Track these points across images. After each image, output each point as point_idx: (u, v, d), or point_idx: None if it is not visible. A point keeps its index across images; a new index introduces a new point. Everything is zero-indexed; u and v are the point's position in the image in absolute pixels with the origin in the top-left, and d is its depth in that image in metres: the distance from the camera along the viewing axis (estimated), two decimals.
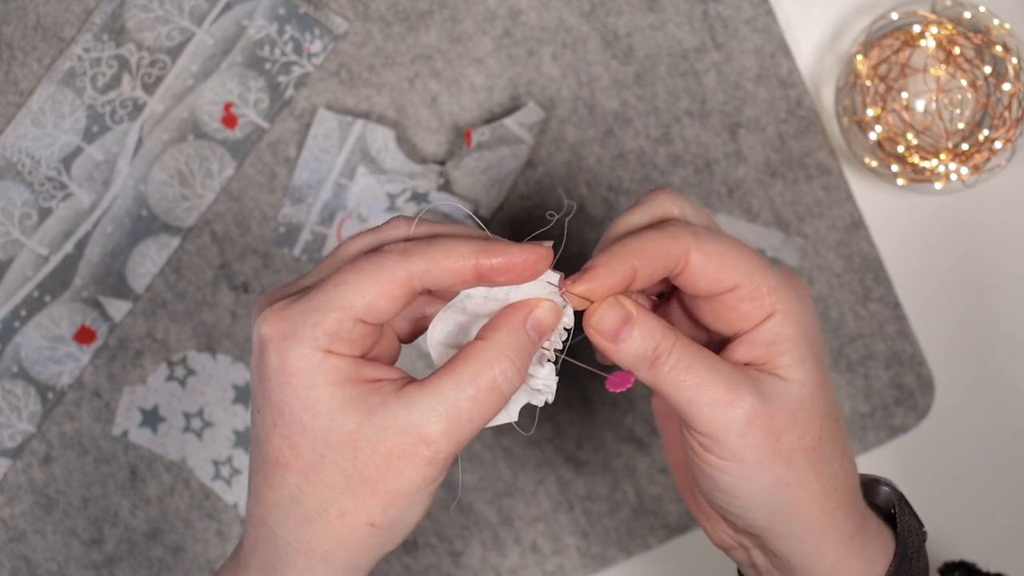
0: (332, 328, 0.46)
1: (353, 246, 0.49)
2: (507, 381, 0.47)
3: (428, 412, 0.46)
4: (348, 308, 0.46)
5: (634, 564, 0.75)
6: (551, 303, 0.49)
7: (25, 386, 0.73)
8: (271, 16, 0.72)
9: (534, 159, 0.73)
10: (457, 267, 0.47)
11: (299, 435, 0.46)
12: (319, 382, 0.46)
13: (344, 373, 0.46)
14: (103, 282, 0.72)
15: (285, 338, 0.46)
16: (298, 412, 0.46)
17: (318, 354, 0.45)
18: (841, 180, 0.73)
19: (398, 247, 0.47)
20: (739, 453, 0.48)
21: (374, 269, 0.46)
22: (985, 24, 0.71)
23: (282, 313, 0.46)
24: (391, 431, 0.46)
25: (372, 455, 0.46)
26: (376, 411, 0.46)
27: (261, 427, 0.47)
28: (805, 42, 0.74)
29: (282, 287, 0.49)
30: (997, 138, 0.71)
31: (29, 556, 0.73)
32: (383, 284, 0.46)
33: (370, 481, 0.46)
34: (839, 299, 0.74)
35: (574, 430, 0.74)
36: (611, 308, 0.49)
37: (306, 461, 0.46)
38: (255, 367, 0.47)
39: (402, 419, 0.46)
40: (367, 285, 0.46)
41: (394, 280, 0.46)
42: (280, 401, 0.46)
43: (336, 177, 0.72)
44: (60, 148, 0.72)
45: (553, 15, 0.73)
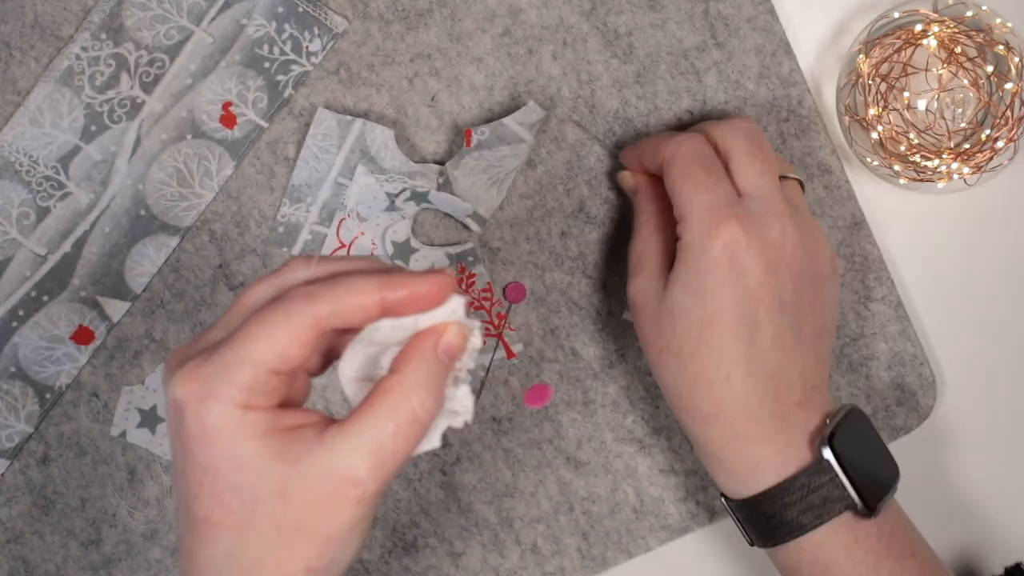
0: (247, 383, 0.45)
1: (255, 295, 0.49)
2: (426, 411, 0.47)
3: (352, 453, 0.46)
4: (260, 362, 0.46)
5: (634, 565, 0.74)
6: (458, 326, 0.49)
7: (23, 386, 0.72)
8: (270, 15, 0.72)
9: (534, 158, 0.73)
10: (363, 304, 0.47)
11: (227, 493, 0.46)
12: (241, 439, 0.45)
13: (264, 425, 0.46)
14: (101, 282, 0.72)
15: (202, 399, 0.45)
16: (224, 471, 0.46)
17: (236, 411, 0.45)
18: (842, 179, 0.73)
19: (302, 291, 0.47)
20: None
21: (281, 318, 0.46)
22: (987, 23, 0.71)
23: (195, 373, 0.46)
24: (318, 477, 0.46)
25: (302, 503, 0.46)
26: (301, 459, 0.46)
27: (187, 488, 0.47)
28: (806, 41, 0.74)
29: (189, 344, 0.49)
30: (999, 137, 0.71)
31: (27, 557, 0.73)
32: (292, 332, 0.46)
33: (303, 529, 0.46)
34: (840, 299, 0.73)
35: (574, 430, 0.73)
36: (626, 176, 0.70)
37: (237, 518, 0.46)
38: (173, 429, 0.47)
39: (327, 464, 0.46)
40: (276, 336, 0.46)
41: (302, 326, 0.46)
42: (204, 462, 0.46)
43: (335, 176, 0.72)
44: (58, 147, 0.72)
45: (553, 14, 0.72)
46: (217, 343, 0.47)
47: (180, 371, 0.46)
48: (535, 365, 0.73)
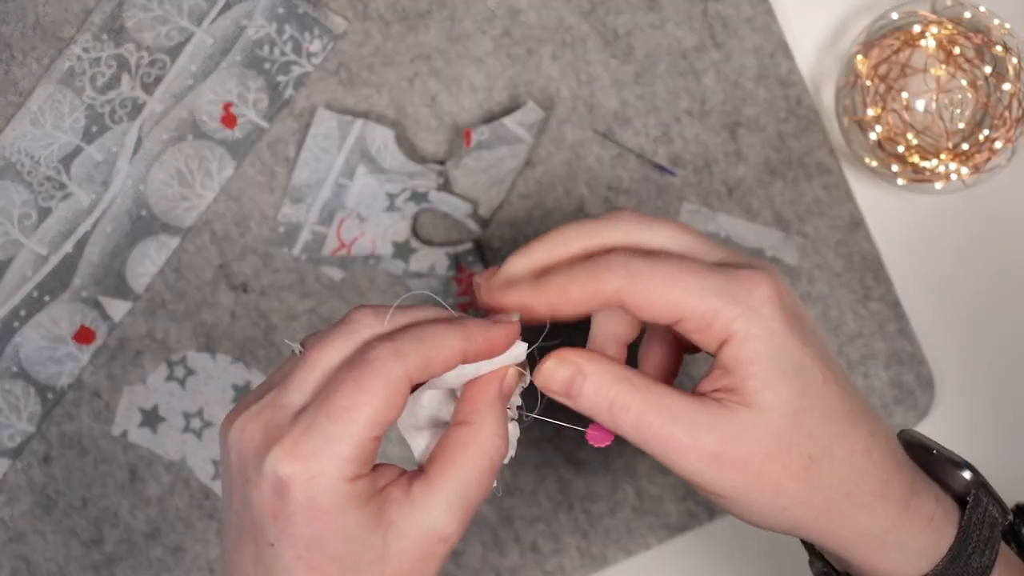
0: (355, 455, 0.45)
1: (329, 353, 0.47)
2: (500, 457, 0.48)
3: (443, 510, 0.46)
4: (365, 430, 0.45)
5: (634, 564, 0.75)
6: (515, 369, 0.49)
7: (25, 386, 0.73)
8: (270, 16, 0.72)
9: (534, 158, 0.73)
10: (448, 359, 0.47)
11: (329, 564, 0.45)
12: (348, 511, 0.45)
13: (367, 493, 0.46)
14: (103, 282, 0.72)
15: (312, 476, 0.44)
16: (328, 542, 0.45)
17: (345, 485, 0.45)
18: (841, 180, 0.73)
19: (389, 349, 0.46)
20: (723, 491, 0.48)
21: (378, 383, 0.45)
22: (985, 24, 0.71)
23: (298, 450, 0.45)
24: (412, 538, 0.46)
25: (399, 564, 0.46)
26: (395, 522, 0.46)
27: (278, 560, 0.46)
28: (805, 41, 0.74)
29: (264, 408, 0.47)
30: (997, 138, 0.71)
31: (29, 556, 0.73)
32: (390, 394, 0.45)
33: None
34: (839, 298, 0.74)
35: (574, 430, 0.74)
36: (557, 366, 0.49)
37: None
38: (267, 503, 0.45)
39: (420, 524, 0.46)
40: (376, 402, 0.45)
41: (397, 387, 0.45)
42: (308, 535, 0.45)
43: (336, 177, 0.72)
44: (59, 148, 0.72)
45: (552, 14, 0.72)
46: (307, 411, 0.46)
47: (278, 447, 0.45)
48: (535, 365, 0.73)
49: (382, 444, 0.47)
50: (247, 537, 0.47)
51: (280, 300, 0.73)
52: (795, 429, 0.47)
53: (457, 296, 0.73)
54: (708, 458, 0.47)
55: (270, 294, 0.73)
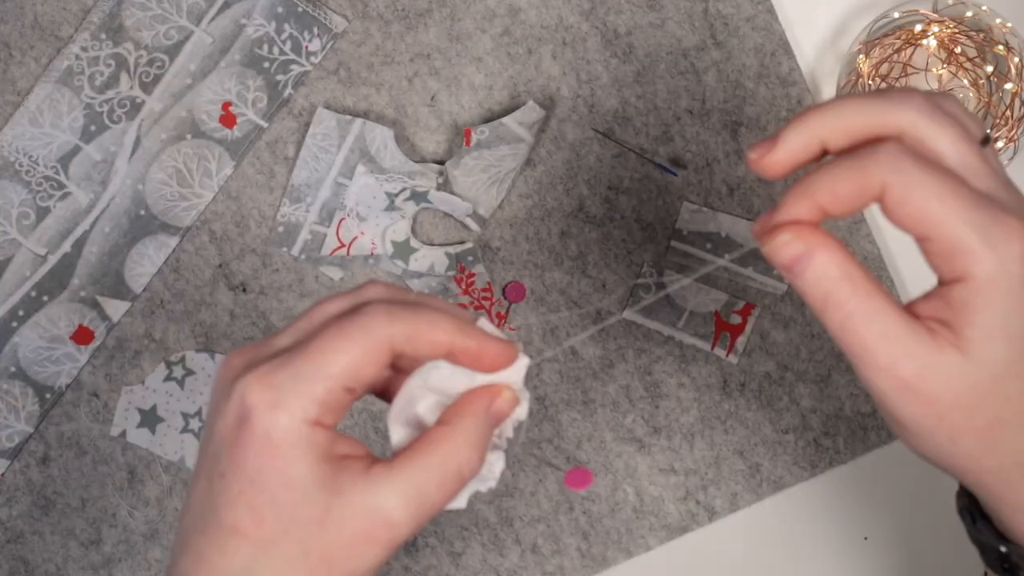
0: (322, 397, 0.45)
1: (331, 307, 0.48)
2: (470, 470, 0.47)
3: (396, 496, 0.45)
4: (336, 376, 0.45)
5: (634, 564, 0.74)
6: (512, 393, 0.48)
7: (23, 386, 0.72)
8: (270, 15, 0.72)
9: (534, 158, 0.73)
10: (436, 340, 0.46)
11: (267, 507, 0.45)
12: (300, 456, 0.45)
13: (322, 448, 0.45)
14: (101, 282, 0.72)
15: (274, 406, 0.44)
16: (271, 484, 0.45)
17: (304, 426, 0.44)
18: None
19: (382, 308, 0.46)
20: (902, 419, 0.46)
21: (360, 333, 0.45)
22: (987, 23, 0.71)
23: (268, 379, 0.45)
24: (358, 513, 0.45)
25: (336, 535, 0.45)
26: (345, 491, 0.45)
27: (223, 492, 0.46)
28: (806, 41, 0.74)
29: (254, 347, 0.47)
30: (999, 138, 0.71)
31: (27, 557, 0.73)
32: (369, 348, 0.45)
33: (329, 560, 0.45)
34: None
35: (574, 430, 0.73)
36: (790, 240, 0.46)
37: (267, 533, 0.45)
38: (227, 431, 0.45)
39: (370, 501, 0.45)
40: (354, 351, 0.45)
41: (379, 344, 0.45)
42: (254, 470, 0.45)
43: (335, 176, 0.72)
44: (58, 147, 0.72)
45: (553, 13, 0.72)
46: (289, 350, 0.46)
47: (251, 374, 0.45)
48: (535, 365, 0.73)
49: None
50: (204, 470, 0.47)
51: (279, 300, 0.73)
52: (995, 388, 0.45)
53: (457, 296, 0.73)
54: (898, 385, 0.45)
55: (269, 294, 0.73)
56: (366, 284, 0.49)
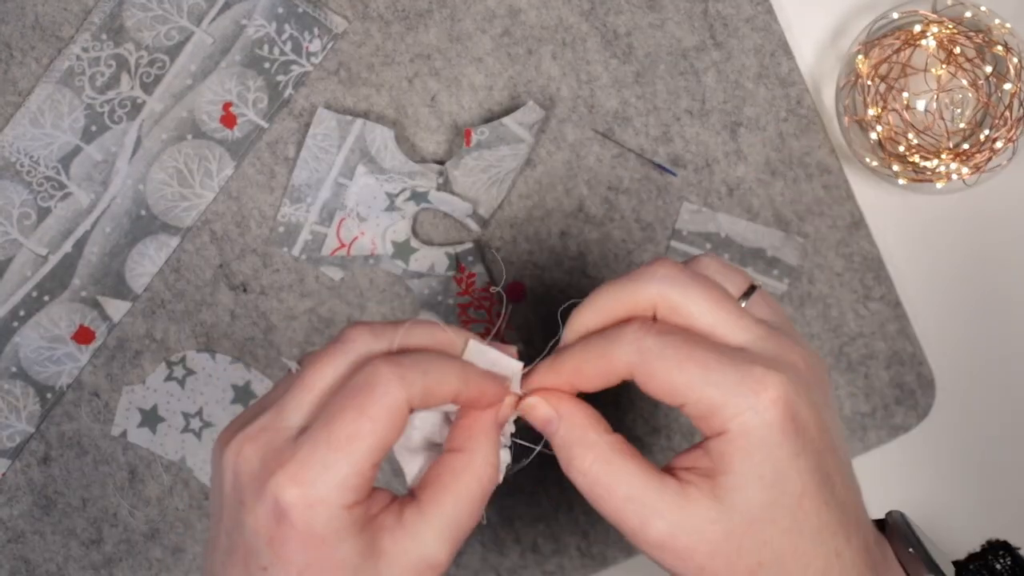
0: (355, 484, 0.44)
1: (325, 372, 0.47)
2: (492, 486, 0.48)
3: (435, 539, 0.46)
4: (366, 459, 0.45)
5: (634, 564, 0.74)
6: (512, 398, 0.49)
7: (24, 386, 0.72)
8: (270, 15, 0.72)
9: (534, 158, 0.73)
10: (445, 396, 0.47)
11: None
12: (344, 538, 0.45)
13: (362, 521, 0.45)
14: (102, 282, 0.72)
15: (312, 505, 0.44)
16: (323, 570, 0.45)
17: (344, 512, 0.44)
18: (841, 179, 0.73)
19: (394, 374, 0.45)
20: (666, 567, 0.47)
21: (381, 410, 0.45)
22: (986, 23, 0.71)
23: (300, 477, 0.44)
24: (404, 568, 0.46)
25: None
26: (387, 550, 0.46)
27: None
28: (805, 41, 0.74)
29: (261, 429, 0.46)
30: (998, 138, 0.71)
31: (28, 557, 0.73)
32: (392, 420, 0.45)
33: None
34: (839, 298, 0.73)
35: None
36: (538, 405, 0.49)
37: None
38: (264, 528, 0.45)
39: (411, 553, 0.46)
40: (380, 430, 0.44)
41: (399, 412, 0.45)
42: (303, 563, 0.45)
43: (335, 176, 0.72)
44: (59, 148, 0.72)
45: (552, 14, 0.72)
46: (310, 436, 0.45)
47: (281, 473, 0.44)
48: None
49: None
50: (237, 559, 0.46)
51: (280, 300, 0.73)
52: (751, 535, 0.45)
53: (457, 296, 0.73)
54: (652, 544, 0.46)
55: (270, 294, 0.73)
56: (348, 331, 0.48)
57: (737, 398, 0.45)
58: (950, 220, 0.75)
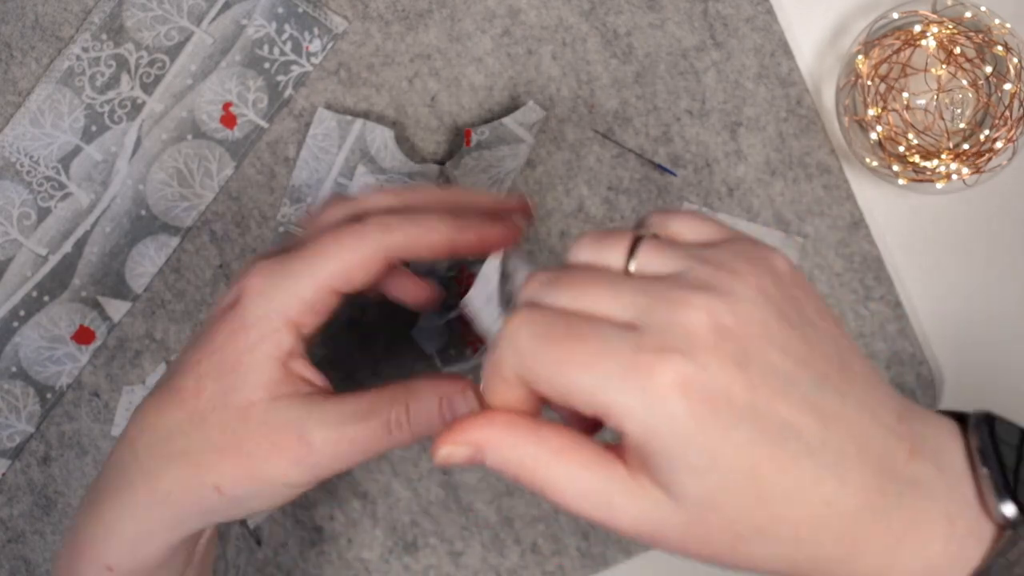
0: (307, 296, 0.48)
1: (333, 214, 0.52)
2: (399, 428, 0.49)
3: (317, 421, 0.48)
4: (326, 278, 0.48)
5: (634, 564, 0.74)
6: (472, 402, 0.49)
7: (24, 386, 0.72)
8: (270, 15, 0.72)
9: (534, 158, 0.73)
10: (434, 243, 0.49)
11: (211, 379, 0.48)
12: (261, 348, 0.48)
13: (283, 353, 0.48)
14: (102, 282, 0.72)
15: (261, 293, 0.48)
16: (226, 361, 0.48)
17: (278, 321, 0.48)
18: (842, 179, 0.73)
19: (379, 219, 0.49)
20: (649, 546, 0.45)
21: (355, 242, 0.48)
22: (986, 24, 0.71)
23: (268, 270, 0.49)
24: (280, 420, 0.48)
25: (253, 431, 0.48)
26: (280, 399, 0.48)
27: (183, 361, 0.49)
28: (805, 41, 0.74)
29: (276, 247, 0.52)
30: (998, 138, 0.71)
31: (28, 557, 0.73)
32: (362, 256, 0.48)
33: (238, 451, 0.48)
34: (839, 299, 0.73)
35: None
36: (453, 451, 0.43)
37: (202, 404, 0.48)
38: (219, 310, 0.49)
39: (294, 415, 0.48)
40: (345, 257, 0.48)
41: (373, 253, 0.48)
42: (218, 345, 0.48)
43: (335, 177, 0.72)
44: (58, 148, 0.72)
45: (552, 14, 0.72)
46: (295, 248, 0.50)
47: (255, 264, 0.49)
48: None
49: None
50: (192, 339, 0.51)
51: None
52: (714, 517, 0.41)
53: (457, 296, 0.73)
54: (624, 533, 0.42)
55: None
56: (370, 193, 0.53)
57: (625, 396, 0.40)
58: (950, 220, 0.75)
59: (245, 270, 0.50)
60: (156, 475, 0.49)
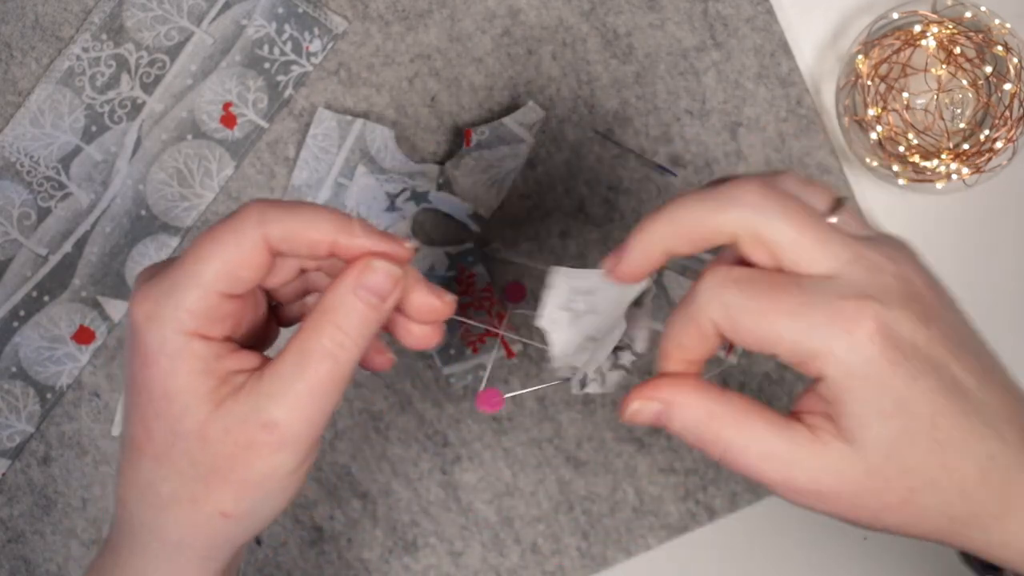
0: (196, 307, 0.45)
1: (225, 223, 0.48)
2: (339, 346, 0.46)
3: (266, 398, 0.45)
4: (210, 283, 0.45)
5: (634, 564, 0.74)
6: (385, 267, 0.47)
7: (24, 386, 0.72)
8: (270, 15, 0.72)
9: (534, 158, 0.73)
10: (314, 239, 0.46)
11: (153, 419, 0.46)
12: (178, 370, 0.45)
13: (203, 362, 0.45)
14: (102, 282, 0.72)
15: (150, 318, 0.45)
16: (155, 397, 0.45)
17: (181, 337, 0.45)
18: (842, 180, 0.73)
19: (254, 211, 0.45)
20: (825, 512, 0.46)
21: (230, 236, 0.45)
22: (986, 24, 0.71)
23: (148, 292, 0.45)
24: (235, 422, 0.45)
25: (220, 446, 0.45)
26: (224, 403, 0.45)
27: (127, 406, 0.47)
28: (805, 41, 0.74)
29: (160, 262, 0.48)
30: (998, 138, 0.71)
31: (28, 557, 0.73)
32: (241, 251, 0.45)
33: (220, 471, 0.46)
34: None
35: (574, 430, 0.74)
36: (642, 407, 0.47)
37: (159, 447, 0.46)
38: (126, 345, 0.46)
39: (244, 408, 0.45)
40: (225, 255, 0.45)
41: (252, 246, 0.45)
42: (141, 383, 0.45)
43: (335, 177, 0.72)
44: (59, 148, 0.72)
45: (552, 14, 0.72)
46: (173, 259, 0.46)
47: (138, 289, 0.46)
48: (534, 364, 0.73)
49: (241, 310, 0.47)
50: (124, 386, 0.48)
51: None
52: (893, 466, 0.44)
53: None
54: (799, 494, 0.46)
55: None
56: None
57: (830, 341, 0.43)
58: (950, 220, 0.75)
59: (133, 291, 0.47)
60: (161, 528, 0.47)
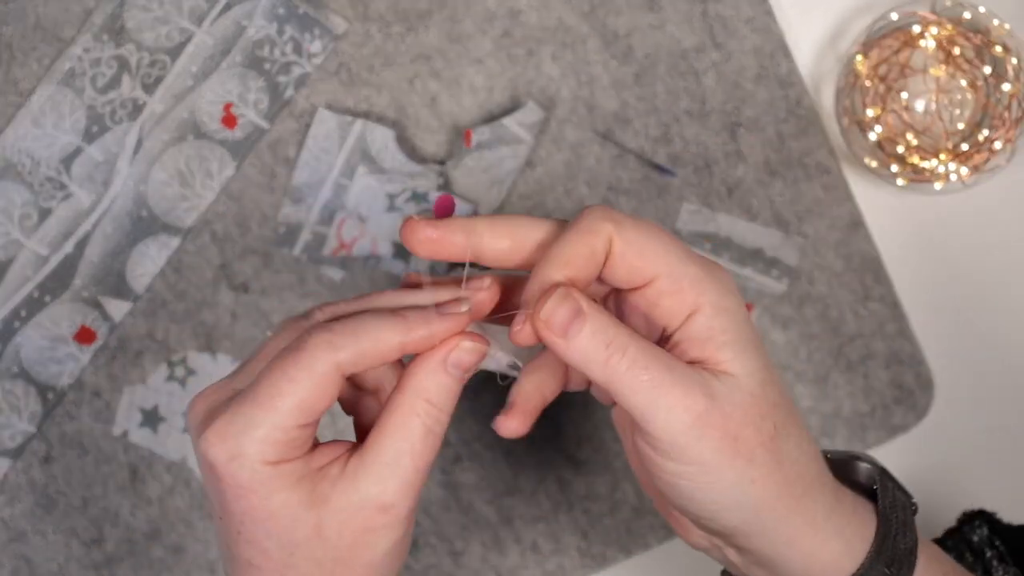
0: (274, 440, 0.45)
1: (278, 342, 0.48)
2: (436, 421, 0.47)
3: (375, 481, 0.47)
4: (286, 417, 0.45)
5: (634, 564, 0.75)
6: (472, 343, 0.48)
7: (25, 386, 0.73)
8: (271, 16, 0.72)
9: (534, 159, 0.73)
10: (383, 351, 0.47)
11: (265, 539, 0.46)
12: (273, 490, 0.46)
13: (295, 474, 0.46)
14: (103, 282, 0.73)
15: (232, 458, 0.45)
16: (260, 520, 0.46)
17: (267, 468, 0.45)
18: (841, 180, 0.74)
19: (322, 339, 0.46)
20: (699, 457, 0.47)
21: (302, 372, 0.45)
22: (985, 24, 0.71)
23: (222, 431, 0.46)
24: (350, 513, 0.46)
25: (338, 539, 0.47)
26: (330, 498, 0.46)
27: (226, 533, 0.47)
28: (805, 42, 0.74)
29: (214, 389, 0.48)
30: (997, 138, 0.71)
31: (29, 556, 0.73)
32: (315, 384, 0.46)
33: (344, 561, 0.47)
34: (839, 299, 0.74)
35: (574, 430, 0.74)
36: (562, 300, 0.46)
37: (277, 561, 0.47)
38: (206, 482, 0.47)
39: (355, 497, 0.46)
40: (299, 391, 0.45)
41: (325, 377, 0.46)
42: (240, 512, 0.46)
43: (336, 177, 0.72)
44: (60, 148, 0.72)
45: (552, 15, 0.73)
46: (239, 394, 0.47)
47: (208, 430, 0.46)
48: None
49: None
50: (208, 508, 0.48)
51: (281, 300, 0.73)
52: (765, 398, 0.48)
53: None
54: (694, 414, 0.46)
55: (271, 294, 0.73)
56: (313, 309, 0.50)
57: (709, 274, 0.48)
58: (949, 220, 0.75)
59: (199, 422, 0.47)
60: None
